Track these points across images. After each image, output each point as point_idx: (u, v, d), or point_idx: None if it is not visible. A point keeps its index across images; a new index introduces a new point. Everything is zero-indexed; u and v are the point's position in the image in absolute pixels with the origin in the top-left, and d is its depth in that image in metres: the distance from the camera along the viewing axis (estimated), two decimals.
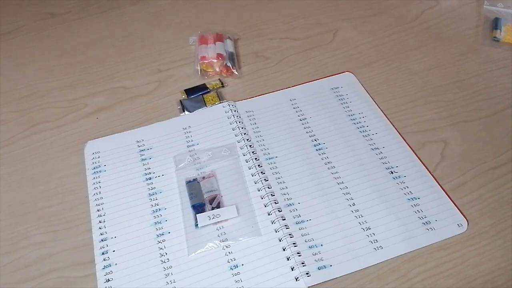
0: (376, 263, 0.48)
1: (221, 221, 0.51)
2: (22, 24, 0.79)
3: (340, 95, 0.64)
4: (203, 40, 0.70)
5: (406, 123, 0.60)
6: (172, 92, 0.66)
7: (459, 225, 0.50)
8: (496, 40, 0.70)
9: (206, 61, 0.68)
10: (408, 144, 0.58)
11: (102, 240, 0.51)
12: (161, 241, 0.50)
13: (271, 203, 0.52)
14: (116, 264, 0.49)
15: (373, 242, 0.49)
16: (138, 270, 0.48)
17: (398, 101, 0.63)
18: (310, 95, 0.64)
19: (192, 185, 0.54)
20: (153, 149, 0.59)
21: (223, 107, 0.63)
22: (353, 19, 0.76)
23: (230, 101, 0.63)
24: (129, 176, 0.56)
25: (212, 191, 0.53)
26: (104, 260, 0.49)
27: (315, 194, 0.53)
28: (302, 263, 0.47)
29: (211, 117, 0.62)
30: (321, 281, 0.46)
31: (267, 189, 0.53)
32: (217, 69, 0.68)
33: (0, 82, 0.70)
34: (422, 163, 0.56)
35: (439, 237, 0.49)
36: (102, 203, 0.54)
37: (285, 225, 0.50)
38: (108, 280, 0.48)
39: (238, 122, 0.61)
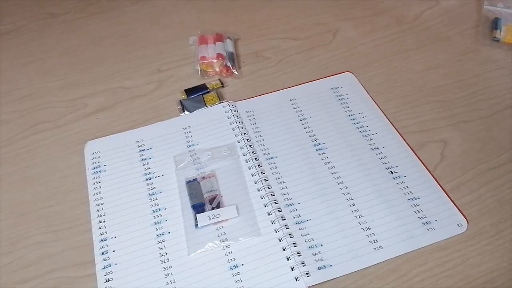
0: (376, 263, 0.48)
1: (221, 221, 0.51)
2: (22, 24, 0.79)
3: (340, 95, 0.64)
4: (203, 40, 0.70)
5: (406, 123, 0.60)
6: (172, 92, 0.66)
7: (459, 225, 0.50)
8: (496, 40, 0.70)
9: (206, 61, 0.68)
10: (408, 144, 0.58)
11: (102, 240, 0.51)
12: (161, 241, 0.50)
13: (271, 203, 0.52)
14: (116, 264, 0.49)
15: (373, 242, 0.49)
16: (138, 270, 0.48)
17: (398, 101, 0.63)
18: (310, 95, 0.64)
19: (192, 185, 0.54)
20: (153, 149, 0.59)
21: (223, 107, 0.63)
22: (353, 19, 0.76)
23: (230, 101, 0.63)
24: (129, 176, 0.56)
25: (212, 191, 0.53)
26: (104, 260, 0.49)
27: (315, 194, 0.53)
28: (302, 263, 0.47)
29: (211, 117, 0.62)
30: (321, 281, 0.46)
31: (267, 189, 0.53)
32: (217, 69, 0.68)
33: (0, 82, 0.70)
34: (422, 163, 0.56)
35: (439, 237, 0.49)
36: (102, 203, 0.54)
37: (285, 225, 0.50)
38: (108, 280, 0.48)
39: (238, 122, 0.61)
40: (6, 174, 0.58)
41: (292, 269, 0.47)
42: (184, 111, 0.63)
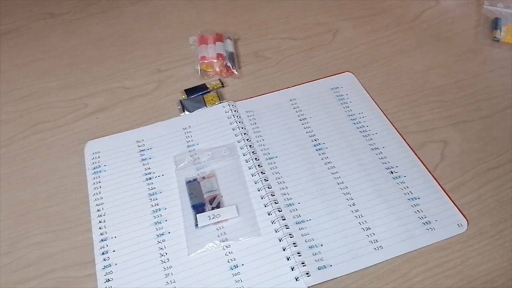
0: (376, 263, 0.48)
1: (221, 221, 0.51)
2: (22, 24, 0.79)
3: (340, 95, 0.64)
4: (203, 40, 0.70)
5: (406, 123, 0.60)
6: (172, 92, 0.66)
7: (459, 225, 0.50)
8: (496, 40, 0.70)
9: (206, 61, 0.68)
10: (408, 144, 0.58)
11: (102, 240, 0.51)
12: (161, 241, 0.50)
13: (271, 203, 0.52)
14: (116, 264, 0.49)
15: (373, 242, 0.49)
16: (138, 270, 0.48)
17: (398, 101, 0.63)
18: (310, 95, 0.64)
19: (192, 185, 0.54)
20: (153, 149, 0.59)
21: (223, 107, 0.63)
22: (353, 19, 0.76)
23: (230, 101, 0.63)
24: (129, 176, 0.56)
25: (212, 191, 0.53)
26: (104, 260, 0.49)
27: (315, 194, 0.53)
28: (302, 263, 0.47)
29: (211, 117, 0.62)
30: (321, 281, 0.46)
31: (267, 189, 0.53)
32: (217, 69, 0.68)
33: (0, 82, 0.70)
34: (422, 163, 0.56)
35: (439, 237, 0.49)
36: (102, 203, 0.54)
37: (285, 225, 0.50)
38: (108, 280, 0.48)
39: (238, 122, 0.61)
40: (6, 174, 0.58)
41: (292, 269, 0.47)
42: (184, 111, 0.63)
